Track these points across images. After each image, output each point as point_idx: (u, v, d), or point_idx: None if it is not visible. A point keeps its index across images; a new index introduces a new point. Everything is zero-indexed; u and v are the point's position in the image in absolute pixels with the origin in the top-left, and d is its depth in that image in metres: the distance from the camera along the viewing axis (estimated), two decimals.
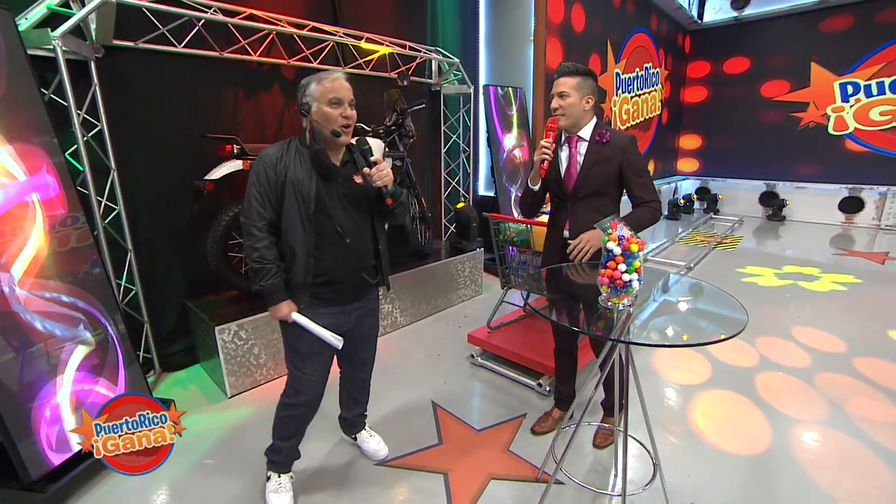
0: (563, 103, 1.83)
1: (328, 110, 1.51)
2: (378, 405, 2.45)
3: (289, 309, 1.57)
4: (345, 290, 1.65)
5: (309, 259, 1.55)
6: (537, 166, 1.84)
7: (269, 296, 1.55)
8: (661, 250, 5.83)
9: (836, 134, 7.36)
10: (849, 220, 7.42)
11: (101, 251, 2.28)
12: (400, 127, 3.41)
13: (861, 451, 2.11)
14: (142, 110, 2.58)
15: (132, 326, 2.59)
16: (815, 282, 4.55)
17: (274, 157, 1.52)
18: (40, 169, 1.86)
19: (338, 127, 1.52)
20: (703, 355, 2.98)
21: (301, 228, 1.53)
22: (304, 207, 1.51)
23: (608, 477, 1.96)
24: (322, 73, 1.55)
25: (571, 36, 5.18)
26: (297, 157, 1.53)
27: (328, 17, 3.40)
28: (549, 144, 1.80)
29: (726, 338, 1.29)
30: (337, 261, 1.59)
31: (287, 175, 1.51)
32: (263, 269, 1.51)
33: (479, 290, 4.22)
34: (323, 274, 1.59)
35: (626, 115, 6.88)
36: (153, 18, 2.49)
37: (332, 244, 1.57)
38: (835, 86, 7.24)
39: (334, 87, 1.52)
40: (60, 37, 2.05)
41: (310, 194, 1.51)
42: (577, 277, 1.85)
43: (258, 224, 1.51)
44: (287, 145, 1.56)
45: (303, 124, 1.58)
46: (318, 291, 1.60)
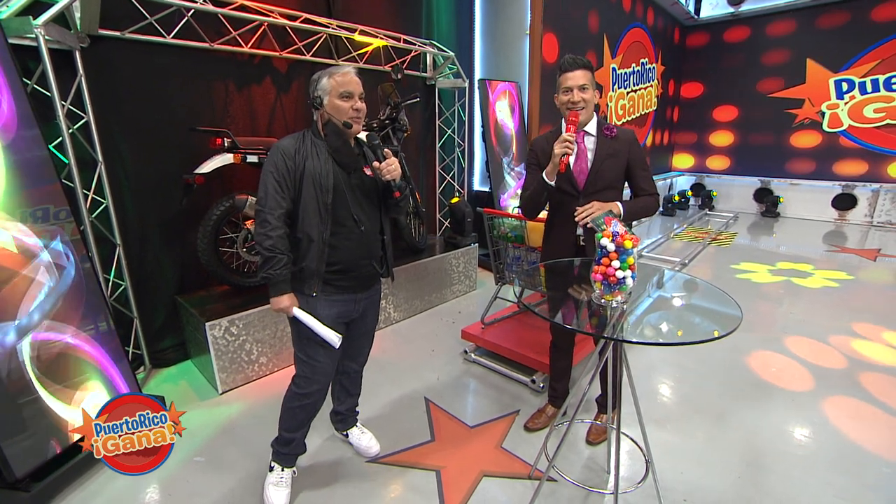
0: (585, 96, 1.81)
1: (339, 103, 1.58)
2: (371, 401, 2.43)
3: (290, 302, 1.58)
4: (357, 279, 1.70)
5: (324, 247, 1.59)
6: (557, 160, 1.76)
7: (275, 285, 1.55)
8: (655, 246, 5.83)
9: (830, 131, 7.38)
10: (842, 216, 7.46)
11: (89, 245, 2.24)
12: (394, 121, 3.37)
13: (853, 448, 2.12)
14: (130, 102, 2.53)
15: (121, 322, 2.56)
16: (808, 278, 4.57)
17: (292, 148, 1.56)
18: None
19: (349, 118, 1.59)
20: (697, 351, 2.98)
21: (318, 217, 1.57)
22: (322, 197, 1.56)
23: (601, 474, 1.96)
24: (333, 69, 1.62)
25: (568, 30, 5.14)
26: (314, 148, 1.58)
27: (321, 8, 3.34)
28: (573, 138, 1.75)
29: (721, 336, 1.28)
30: (351, 249, 1.64)
31: (306, 165, 1.55)
32: (275, 257, 1.52)
33: (474, 286, 4.20)
34: (337, 263, 1.63)
35: (622, 110, 6.86)
36: (140, 8, 2.44)
37: (347, 233, 1.63)
38: (830, 83, 7.25)
39: (345, 82, 1.59)
40: (43, 25, 2.00)
41: (329, 184, 1.56)
42: (574, 274, 1.83)
43: (276, 213, 1.52)
44: (302, 137, 1.60)
45: (314, 117, 1.65)
46: (331, 278, 1.64)
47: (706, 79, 8.47)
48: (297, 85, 3.28)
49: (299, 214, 1.58)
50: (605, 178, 1.86)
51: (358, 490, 1.86)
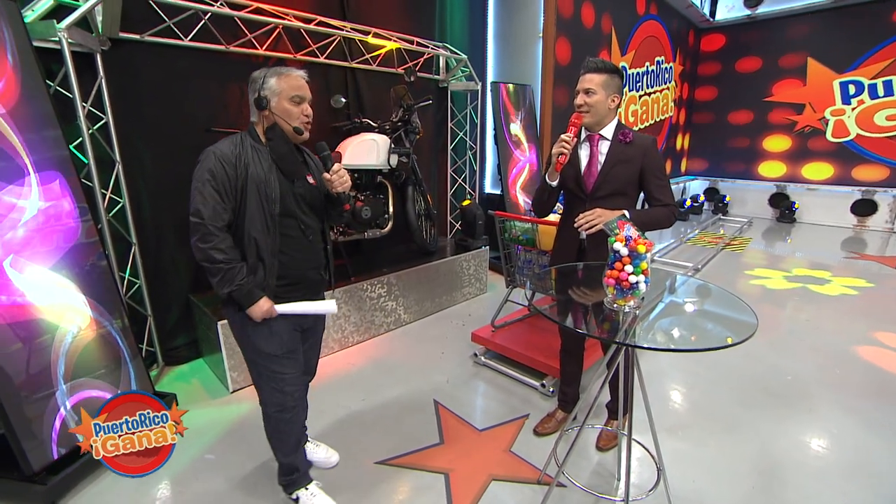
0: (588, 100, 1.79)
1: (290, 107, 1.48)
2: (379, 402, 2.44)
3: (269, 304, 1.49)
4: (307, 288, 1.63)
5: (274, 260, 1.50)
6: (554, 160, 1.79)
7: (246, 295, 1.45)
8: (668, 251, 5.77)
9: (835, 141, 6.55)
10: (861, 222, 7.27)
11: (105, 244, 2.29)
12: (406, 123, 3.39)
13: (870, 460, 2.07)
14: (147, 103, 2.58)
15: (136, 320, 2.60)
16: (825, 285, 4.48)
17: (232, 153, 1.43)
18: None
19: (300, 124, 1.50)
20: (709, 357, 2.94)
21: (265, 229, 1.46)
22: (268, 207, 1.45)
23: (611, 481, 1.94)
24: (280, 68, 1.50)
25: (580, 33, 5.11)
26: (255, 154, 1.46)
27: (335, 11, 3.38)
28: (570, 139, 1.75)
29: (735, 343, 1.26)
30: (300, 260, 1.57)
31: (249, 173, 1.43)
32: (234, 269, 1.43)
33: (484, 289, 4.19)
34: (287, 275, 1.55)
35: (634, 116, 6.12)
36: (159, 11, 2.49)
37: (295, 244, 1.55)
38: (834, 85, 6.41)
39: (299, 85, 1.50)
40: (66, 29, 2.05)
41: (274, 194, 1.46)
42: (585, 278, 1.82)
43: (219, 223, 1.40)
44: (241, 141, 1.47)
45: (252, 118, 1.53)
46: (282, 292, 1.55)
47: (721, 83, 8.33)
48: (311, 87, 3.30)
49: (243, 227, 1.45)
50: (614, 184, 1.84)
51: (365, 491, 1.86)
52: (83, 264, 1.98)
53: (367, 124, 3.31)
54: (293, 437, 1.70)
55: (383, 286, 3.26)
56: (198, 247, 1.41)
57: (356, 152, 3.08)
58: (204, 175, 1.40)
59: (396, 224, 3.49)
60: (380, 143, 3.16)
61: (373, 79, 3.70)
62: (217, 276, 1.43)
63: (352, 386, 2.62)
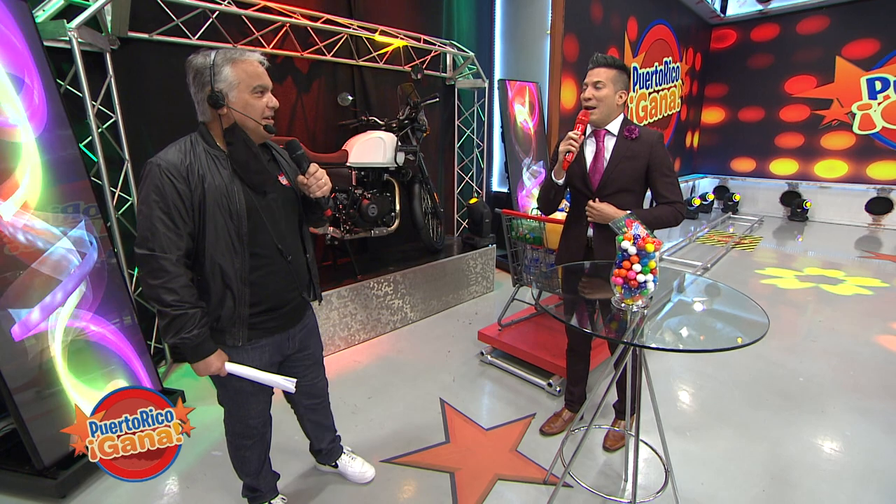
0: (597, 94, 1.77)
1: (252, 101, 1.21)
2: (385, 400, 2.44)
3: (221, 361, 1.28)
4: (286, 315, 1.42)
5: (244, 288, 1.28)
6: (562, 158, 1.77)
7: (194, 350, 1.22)
8: (677, 249, 5.71)
9: (861, 133, 7.03)
10: (877, 221, 7.15)
11: (115, 241, 2.31)
12: (413, 121, 3.38)
13: (884, 464, 2.03)
14: (156, 102, 2.59)
15: (144, 317, 2.62)
16: (838, 285, 4.40)
17: (181, 165, 1.17)
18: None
19: (265, 120, 1.25)
20: (719, 358, 2.90)
21: (231, 252, 1.24)
22: (233, 226, 1.23)
23: (618, 482, 1.92)
24: (229, 52, 1.20)
25: (589, 29, 5.07)
26: (211, 161, 1.21)
27: (342, 9, 3.37)
28: (578, 136, 1.74)
29: (745, 344, 1.24)
30: (276, 283, 1.35)
31: (205, 186, 1.18)
32: (185, 315, 1.17)
33: (491, 287, 4.18)
34: (261, 302, 1.33)
35: (643, 111, 6.68)
36: (168, 10, 2.50)
37: (270, 265, 1.32)
38: (862, 81, 6.88)
39: (259, 73, 1.22)
40: (76, 28, 2.06)
41: (240, 208, 1.22)
42: (593, 276, 1.80)
43: (172, 256, 1.16)
44: (191, 148, 1.21)
45: (202, 117, 1.24)
46: (257, 322, 1.34)
47: (731, 79, 8.23)
48: (318, 84, 3.32)
49: (205, 251, 1.22)
50: (619, 180, 1.82)
51: (371, 490, 1.86)
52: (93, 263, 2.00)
53: (373, 122, 3.31)
54: (254, 463, 1.58)
55: (390, 284, 3.26)
56: (146, 282, 1.17)
57: (363, 150, 3.08)
58: (149, 195, 1.14)
59: (403, 222, 3.48)
60: (386, 140, 3.16)
61: (380, 77, 3.69)
62: (164, 321, 1.18)
63: (358, 384, 2.63)
